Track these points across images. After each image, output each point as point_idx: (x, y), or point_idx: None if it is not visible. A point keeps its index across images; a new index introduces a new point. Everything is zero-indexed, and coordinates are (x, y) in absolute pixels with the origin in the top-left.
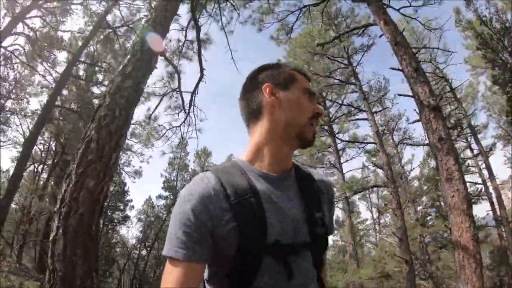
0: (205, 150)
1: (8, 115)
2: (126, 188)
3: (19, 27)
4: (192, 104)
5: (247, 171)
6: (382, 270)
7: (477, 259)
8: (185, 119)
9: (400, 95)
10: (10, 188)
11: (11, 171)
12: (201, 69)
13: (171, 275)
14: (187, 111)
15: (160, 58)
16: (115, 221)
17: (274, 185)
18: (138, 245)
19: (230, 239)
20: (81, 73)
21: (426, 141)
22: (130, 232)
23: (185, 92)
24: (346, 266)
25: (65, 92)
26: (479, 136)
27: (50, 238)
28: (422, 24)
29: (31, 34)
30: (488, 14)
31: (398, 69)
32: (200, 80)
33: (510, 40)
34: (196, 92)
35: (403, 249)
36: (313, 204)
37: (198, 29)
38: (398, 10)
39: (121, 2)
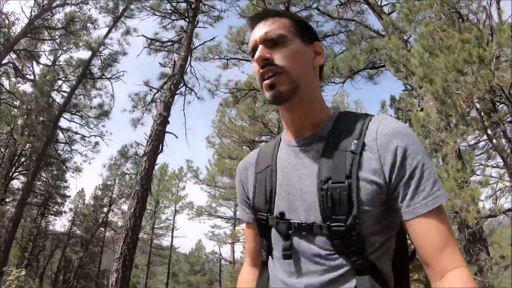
0: None
1: None
2: (66, 184)
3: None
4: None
5: (282, 142)
6: None
7: None
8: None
9: None
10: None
11: None
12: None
13: (245, 233)
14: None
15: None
16: (51, 212)
17: (294, 152)
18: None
19: (251, 206)
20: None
21: None
22: (62, 222)
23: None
24: None
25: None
26: None
27: None
28: None
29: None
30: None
31: None
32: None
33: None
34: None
35: None
36: (333, 172)
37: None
38: None
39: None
